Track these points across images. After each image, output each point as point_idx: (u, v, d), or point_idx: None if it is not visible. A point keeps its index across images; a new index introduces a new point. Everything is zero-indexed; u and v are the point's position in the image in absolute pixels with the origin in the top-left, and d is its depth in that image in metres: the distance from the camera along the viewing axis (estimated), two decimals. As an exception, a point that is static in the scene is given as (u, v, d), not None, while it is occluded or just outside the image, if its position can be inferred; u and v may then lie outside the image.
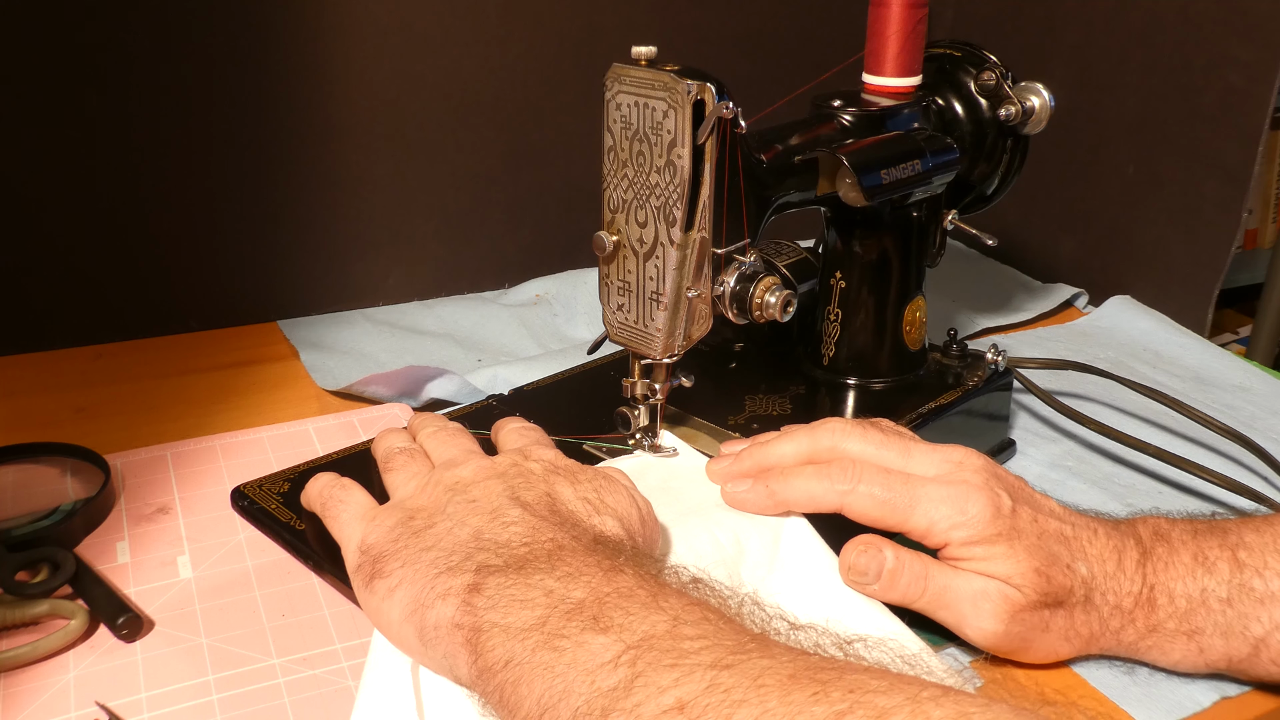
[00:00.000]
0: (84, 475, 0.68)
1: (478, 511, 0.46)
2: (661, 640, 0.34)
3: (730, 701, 0.31)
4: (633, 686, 0.33)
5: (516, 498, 0.47)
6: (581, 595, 0.37)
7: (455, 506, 0.47)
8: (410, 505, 0.49)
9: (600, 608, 0.36)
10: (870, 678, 0.33)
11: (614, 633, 0.35)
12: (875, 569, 0.52)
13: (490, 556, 0.42)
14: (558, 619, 0.36)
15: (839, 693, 0.31)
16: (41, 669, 0.53)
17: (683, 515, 0.55)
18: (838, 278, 0.70)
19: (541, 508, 0.46)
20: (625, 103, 0.57)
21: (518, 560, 0.41)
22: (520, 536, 0.43)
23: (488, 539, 0.43)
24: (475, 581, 0.40)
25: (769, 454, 0.57)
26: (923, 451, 0.55)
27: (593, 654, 0.35)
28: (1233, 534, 0.53)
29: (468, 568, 0.41)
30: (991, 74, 0.72)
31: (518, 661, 0.36)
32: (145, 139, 0.85)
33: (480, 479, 0.49)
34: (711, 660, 0.33)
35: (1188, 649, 0.52)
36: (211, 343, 0.89)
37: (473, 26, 0.93)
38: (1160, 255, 0.99)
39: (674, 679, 0.32)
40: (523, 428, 0.58)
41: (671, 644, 0.34)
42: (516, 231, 1.01)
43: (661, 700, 0.32)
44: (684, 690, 0.32)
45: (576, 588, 0.38)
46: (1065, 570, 0.51)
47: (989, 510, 0.51)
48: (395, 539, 0.46)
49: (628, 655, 0.34)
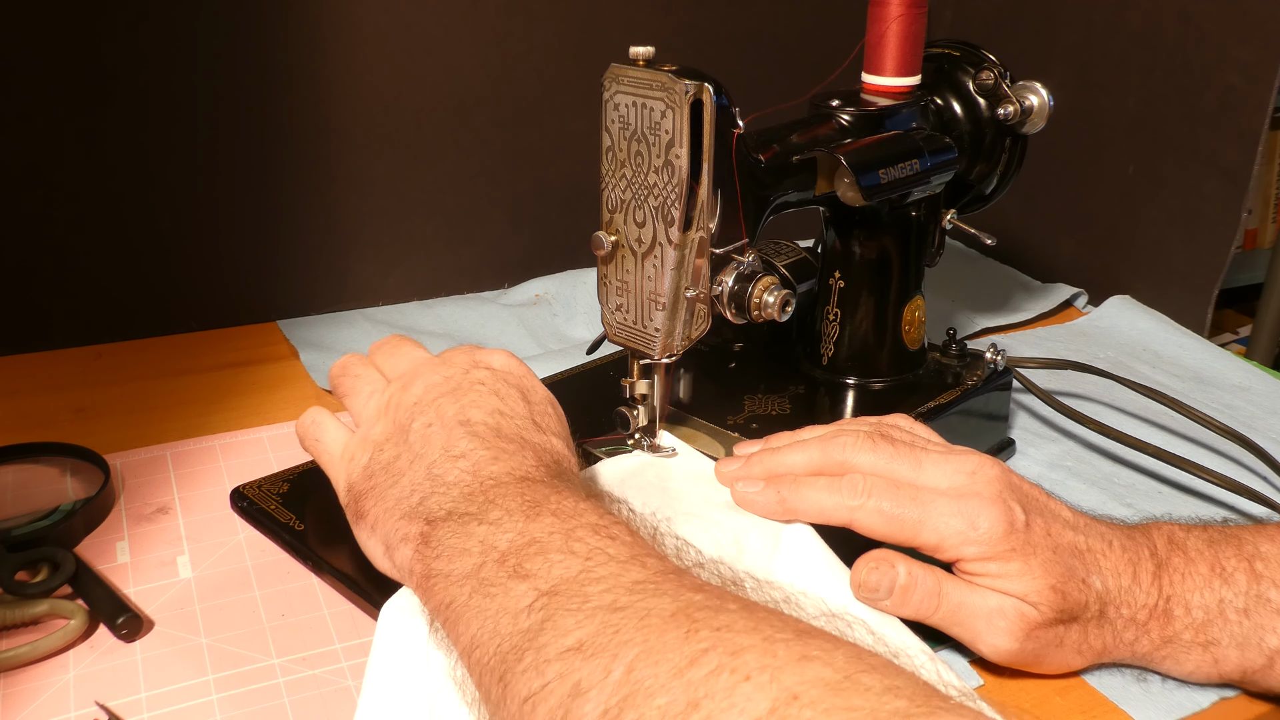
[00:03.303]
0: (84, 475, 0.68)
1: (431, 443, 0.50)
2: (570, 585, 0.40)
3: (618, 641, 0.36)
4: (543, 629, 0.38)
5: (466, 420, 0.51)
6: (507, 544, 0.43)
7: (415, 435, 0.51)
8: (376, 437, 0.53)
9: (521, 557, 0.42)
10: (741, 617, 0.37)
11: (531, 580, 0.41)
12: (887, 585, 0.51)
13: (438, 500, 0.47)
14: (490, 567, 0.42)
15: (706, 630, 0.36)
16: (41, 669, 0.53)
17: (682, 515, 0.55)
18: (836, 277, 0.70)
19: (488, 432, 0.50)
20: (623, 103, 0.57)
21: (460, 505, 0.46)
22: (464, 478, 0.48)
23: (438, 476, 0.48)
24: (425, 532, 0.46)
25: (780, 462, 0.57)
26: (935, 462, 0.54)
27: (515, 599, 0.40)
28: (1248, 544, 0.53)
29: (420, 514, 0.47)
30: (990, 73, 0.72)
31: (458, 604, 0.43)
32: (145, 139, 0.85)
33: (432, 398, 0.52)
34: (610, 602, 0.38)
35: (1202, 660, 0.52)
36: (211, 343, 0.89)
37: (473, 26, 0.93)
38: (1160, 255, 0.99)
39: (576, 622, 0.38)
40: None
41: (578, 588, 0.40)
42: (516, 231, 1.01)
43: (564, 641, 0.37)
44: (583, 631, 0.37)
45: (504, 534, 0.43)
46: (1081, 585, 0.51)
47: (1001, 525, 0.51)
48: (369, 476, 0.51)
49: (540, 600, 0.40)
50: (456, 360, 0.55)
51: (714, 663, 0.34)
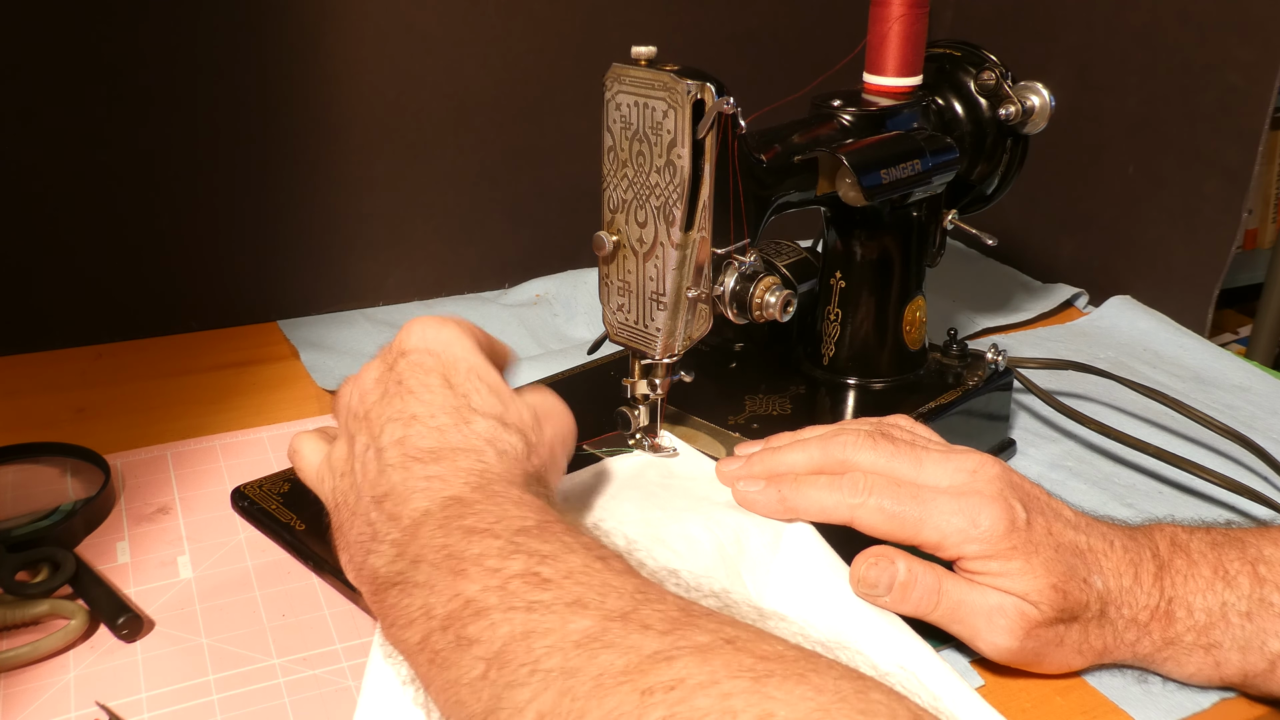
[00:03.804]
0: (84, 475, 0.68)
1: (365, 477, 0.48)
2: (516, 646, 0.38)
3: (576, 712, 0.35)
4: (500, 706, 0.37)
5: (382, 448, 0.48)
6: (444, 610, 0.41)
7: (357, 463, 0.49)
8: (336, 460, 0.51)
9: (460, 624, 0.40)
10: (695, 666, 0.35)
11: (476, 647, 0.39)
12: (887, 582, 0.52)
13: (376, 560, 0.45)
14: (435, 636, 0.41)
15: (660, 693, 0.34)
16: (41, 669, 0.53)
17: (683, 514, 0.55)
18: (838, 277, 0.70)
19: (400, 457, 0.47)
20: (625, 103, 0.57)
21: (394, 564, 0.44)
22: (390, 531, 0.45)
23: (372, 525, 0.46)
24: (375, 597, 0.45)
25: (780, 461, 0.57)
26: (936, 461, 0.54)
27: (465, 670, 0.39)
28: (1252, 547, 0.53)
29: (366, 575, 0.46)
30: (991, 74, 0.72)
31: (421, 675, 0.42)
32: (146, 140, 0.85)
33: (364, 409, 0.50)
34: (559, 665, 0.37)
35: (1204, 662, 0.52)
36: (211, 343, 0.89)
37: (473, 26, 0.93)
38: (1160, 255, 0.99)
39: (530, 695, 0.37)
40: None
41: (525, 650, 0.38)
42: (516, 231, 1.01)
43: (525, 719, 0.36)
44: (540, 704, 0.36)
45: (438, 597, 0.42)
46: (1082, 585, 0.51)
47: (1002, 523, 0.51)
48: (336, 508, 0.50)
49: (491, 673, 0.38)
50: (385, 352, 0.52)
51: None
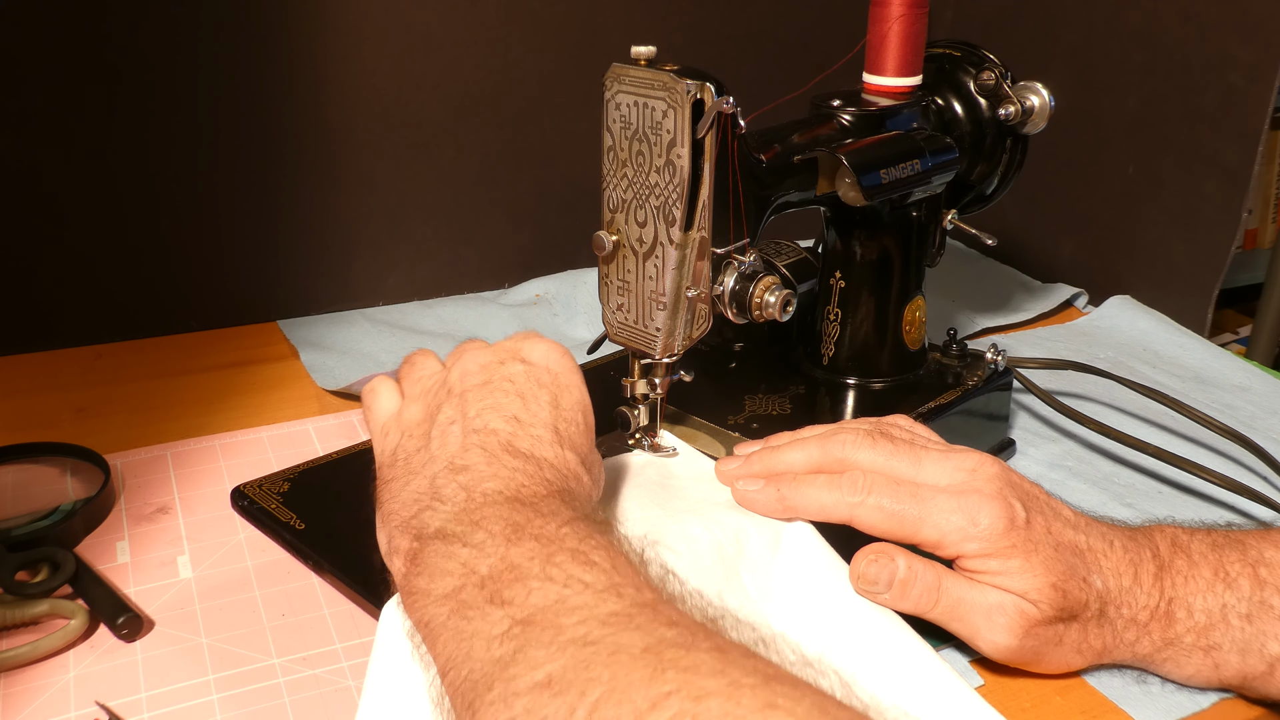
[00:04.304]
0: (84, 475, 0.68)
1: (446, 445, 0.49)
2: (545, 614, 0.39)
3: (586, 679, 0.36)
4: (514, 660, 0.38)
5: (480, 429, 0.49)
6: (487, 569, 0.42)
7: (436, 429, 0.50)
8: (408, 420, 0.53)
9: (500, 583, 0.41)
10: (710, 658, 0.36)
11: (508, 607, 0.40)
12: (886, 578, 0.52)
13: (431, 517, 0.46)
14: (469, 590, 0.42)
15: (673, 672, 0.35)
16: (41, 669, 0.53)
17: (682, 514, 0.55)
18: (837, 277, 0.70)
19: (498, 445, 0.49)
20: (625, 102, 0.57)
21: (449, 524, 0.46)
22: (459, 495, 0.47)
23: (438, 489, 0.48)
24: (414, 549, 0.46)
25: (779, 460, 0.57)
26: (935, 460, 0.54)
27: (490, 624, 0.40)
28: (1253, 549, 0.53)
29: (413, 528, 0.47)
30: (991, 74, 0.72)
31: (436, 624, 0.42)
32: (146, 140, 0.85)
33: (462, 388, 0.52)
34: (582, 635, 0.38)
35: (1203, 664, 0.52)
36: (211, 343, 0.89)
37: (473, 26, 0.93)
38: (1160, 255, 0.99)
39: (547, 655, 0.37)
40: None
41: (553, 618, 0.39)
42: (516, 231, 1.01)
43: (534, 675, 0.37)
44: (553, 666, 0.37)
45: (486, 559, 0.43)
46: (1081, 584, 0.51)
47: (1002, 521, 0.51)
48: (393, 463, 0.51)
49: (515, 630, 0.39)
50: (499, 348, 0.54)
51: (675, 707, 0.34)
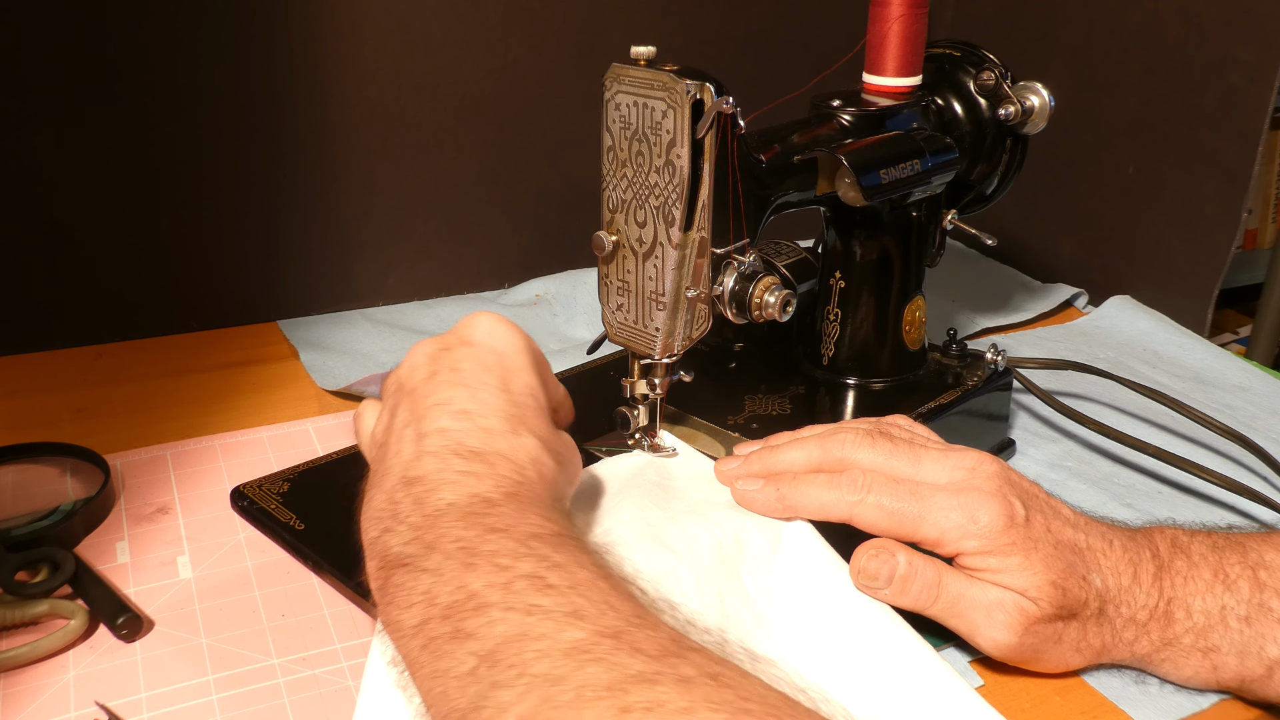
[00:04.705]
0: (84, 475, 0.68)
1: (399, 454, 0.48)
2: (509, 647, 0.38)
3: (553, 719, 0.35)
4: (485, 702, 0.37)
5: (425, 432, 0.48)
6: (447, 599, 0.41)
7: (393, 437, 0.49)
8: (377, 431, 0.52)
9: (461, 615, 0.40)
10: (675, 694, 0.35)
11: (471, 642, 0.39)
12: (886, 574, 0.52)
13: (391, 539, 0.45)
14: (434, 624, 0.41)
15: (638, 712, 0.34)
16: (41, 669, 0.53)
17: (682, 514, 0.55)
18: (837, 277, 0.70)
19: (445, 448, 0.47)
20: (624, 103, 0.57)
21: (408, 547, 0.44)
22: (412, 514, 0.45)
23: (395, 504, 0.46)
24: (381, 577, 0.45)
25: (779, 459, 0.57)
26: (934, 458, 0.54)
27: (457, 663, 0.39)
28: (1253, 551, 0.53)
29: (378, 551, 0.45)
30: (991, 74, 0.72)
31: (410, 659, 0.42)
32: (145, 140, 0.85)
33: (411, 384, 0.51)
34: (546, 672, 0.37)
35: (1201, 665, 0.52)
36: (211, 343, 0.89)
37: (473, 26, 0.93)
38: (1160, 255, 0.99)
39: (515, 696, 0.36)
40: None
41: (516, 653, 0.38)
42: (516, 231, 1.01)
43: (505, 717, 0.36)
44: (523, 707, 0.36)
45: (444, 586, 0.42)
46: (1080, 582, 0.51)
47: (1001, 519, 0.51)
48: (371, 474, 0.50)
49: (481, 669, 0.38)
50: (445, 335, 0.53)
51: None
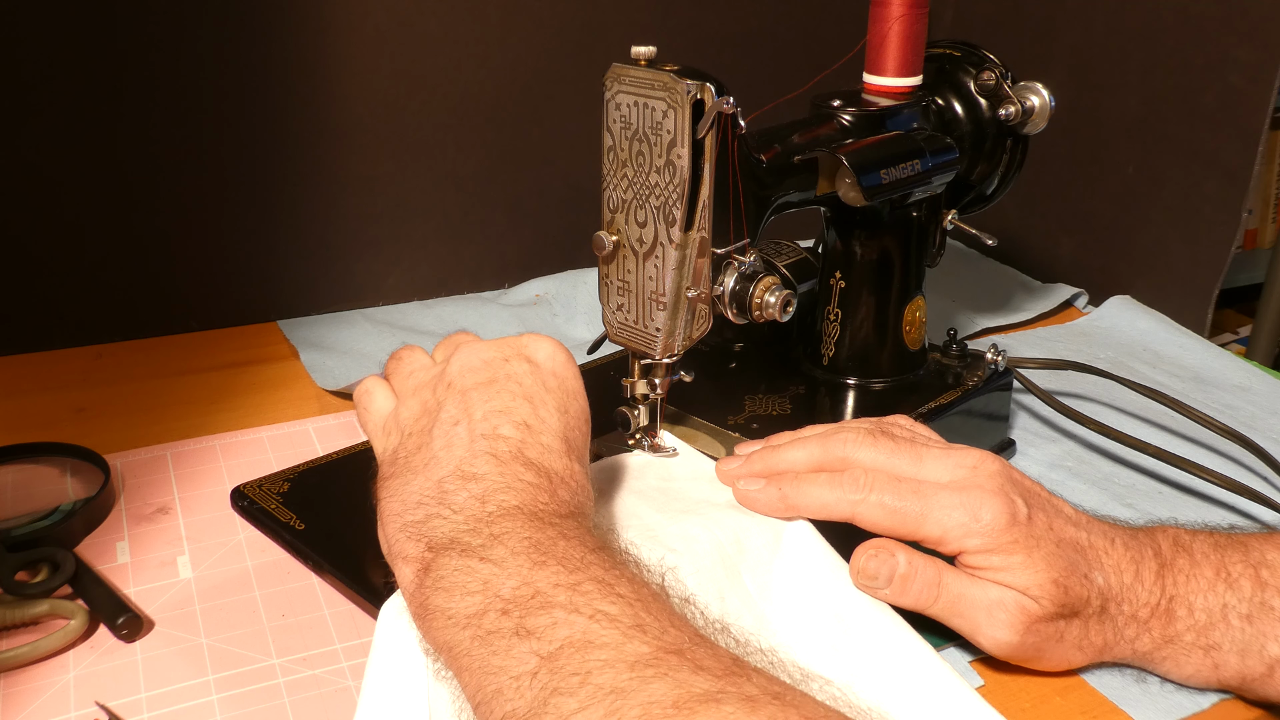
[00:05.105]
0: (84, 475, 0.68)
1: (451, 448, 0.47)
2: (572, 651, 0.38)
3: None
4: (545, 709, 0.37)
5: (489, 434, 0.48)
6: (510, 592, 0.41)
7: (439, 430, 0.48)
8: (405, 419, 0.51)
9: (525, 610, 0.40)
10: (741, 712, 0.34)
11: (534, 640, 0.39)
12: (887, 574, 0.52)
13: (441, 525, 0.45)
14: (492, 616, 0.40)
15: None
16: (41, 669, 0.53)
17: (682, 514, 0.55)
18: (837, 278, 0.70)
19: (509, 454, 0.47)
20: (625, 103, 0.57)
21: (463, 535, 0.44)
22: (471, 505, 0.45)
23: (446, 494, 0.46)
24: (426, 559, 0.44)
25: (780, 459, 0.57)
26: (936, 457, 0.54)
27: (517, 660, 0.38)
28: (1255, 550, 0.53)
29: (422, 535, 0.45)
30: (991, 74, 0.72)
31: (459, 649, 0.41)
32: (146, 140, 0.85)
33: (464, 386, 0.50)
34: (610, 683, 0.36)
35: (1202, 664, 0.52)
36: (211, 343, 0.89)
37: (473, 26, 0.93)
38: (1160, 255, 0.99)
39: (577, 704, 0.36)
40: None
41: (580, 659, 0.37)
42: (516, 231, 1.01)
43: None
44: (585, 718, 0.35)
45: (508, 580, 0.41)
46: (1082, 581, 0.51)
47: (1004, 517, 0.51)
48: (393, 462, 0.49)
49: (543, 671, 0.38)
50: (501, 344, 0.52)
51: None
